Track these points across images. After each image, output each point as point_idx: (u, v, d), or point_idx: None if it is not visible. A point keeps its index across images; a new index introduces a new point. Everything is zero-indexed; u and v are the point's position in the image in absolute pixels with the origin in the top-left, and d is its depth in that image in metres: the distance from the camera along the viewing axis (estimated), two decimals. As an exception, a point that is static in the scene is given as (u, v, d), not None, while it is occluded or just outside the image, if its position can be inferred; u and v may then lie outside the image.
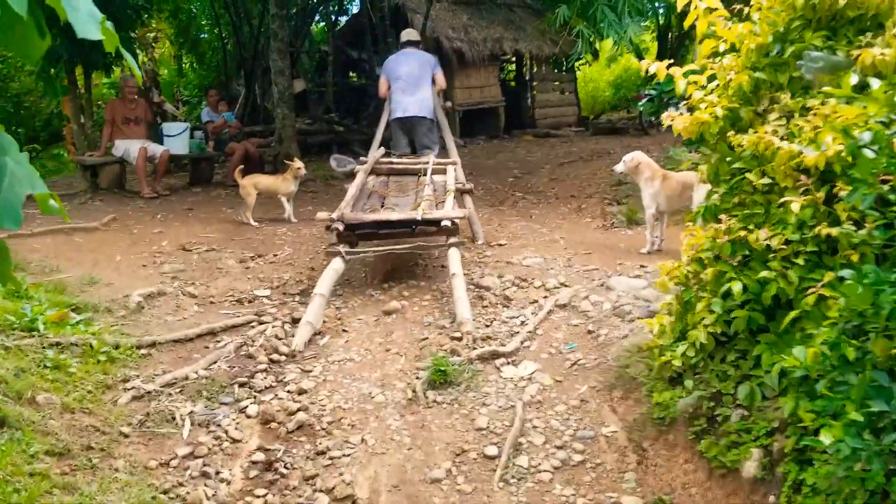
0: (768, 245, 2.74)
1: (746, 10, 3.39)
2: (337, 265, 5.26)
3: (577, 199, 8.56)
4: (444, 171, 6.80)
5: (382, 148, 7.93)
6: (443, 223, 5.42)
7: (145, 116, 10.06)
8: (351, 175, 10.76)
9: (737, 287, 2.80)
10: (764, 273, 2.71)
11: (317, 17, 17.42)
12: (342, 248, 5.40)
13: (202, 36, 19.71)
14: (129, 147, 9.53)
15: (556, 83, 18.59)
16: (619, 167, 6.24)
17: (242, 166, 8.54)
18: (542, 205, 8.36)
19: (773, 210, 2.85)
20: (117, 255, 6.34)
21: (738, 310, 2.85)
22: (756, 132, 2.99)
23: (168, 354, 4.35)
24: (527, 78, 18.51)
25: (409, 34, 8.58)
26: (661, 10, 18.90)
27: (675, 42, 20.44)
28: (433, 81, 7.95)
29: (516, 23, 17.49)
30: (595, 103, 29.57)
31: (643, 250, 5.96)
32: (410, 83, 7.83)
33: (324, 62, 16.07)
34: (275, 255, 6.33)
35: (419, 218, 5.49)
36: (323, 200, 9.23)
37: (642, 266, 5.42)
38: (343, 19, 18.09)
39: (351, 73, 17.90)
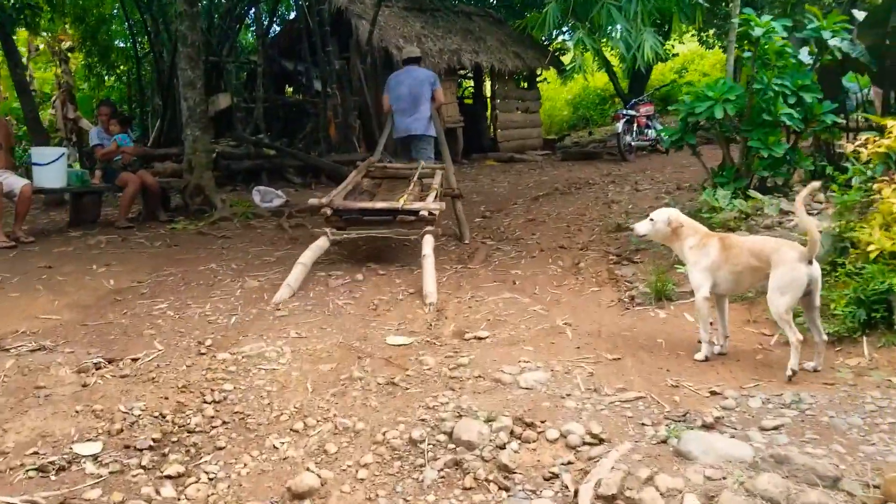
0: None
1: None
2: (322, 242, 5.85)
3: (568, 251, 6.52)
4: (433, 175, 7.16)
5: (378, 154, 8.30)
6: (420, 213, 5.87)
7: (6, 142, 7.73)
8: (278, 213, 8.68)
9: None
10: None
11: (246, 22, 15.22)
12: (328, 230, 5.97)
13: (119, 44, 17.31)
14: (-19, 180, 7.23)
15: (520, 101, 16.68)
16: (643, 228, 4.12)
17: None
18: (524, 261, 6.30)
19: None
20: None
21: None
22: None
23: None
24: (487, 95, 16.58)
25: (409, 52, 9.00)
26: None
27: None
28: (433, 98, 8.18)
29: (476, 33, 15.57)
30: (552, 123, 27.98)
31: (699, 356, 3.91)
32: (410, 102, 8.12)
33: (253, 74, 13.85)
34: (134, 360, 4.12)
35: (400, 207, 5.95)
36: (235, 250, 7.02)
37: (714, 393, 3.38)
38: (278, 27, 15.95)
39: (287, 87, 15.72)
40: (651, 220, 4.06)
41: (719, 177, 5.78)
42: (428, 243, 5.62)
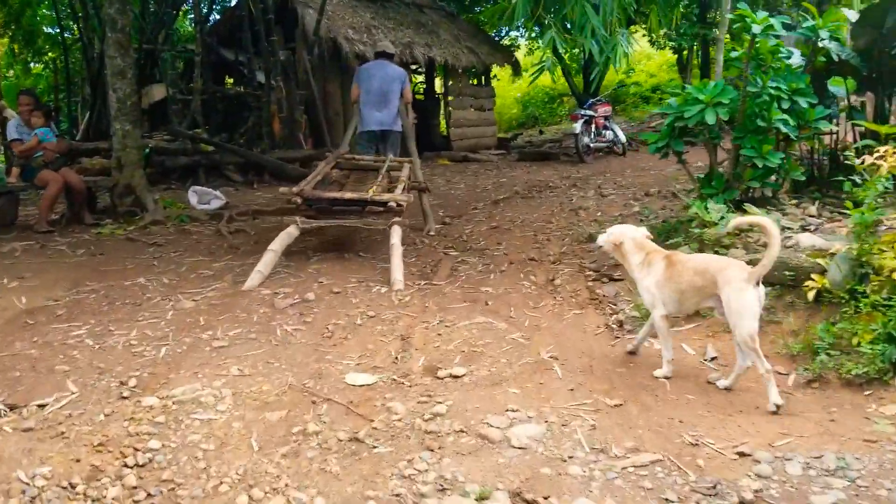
0: None
1: None
2: (292, 230, 5.88)
3: (540, 265, 5.98)
4: (400, 169, 7.31)
5: (345, 146, 8.28)
6: (389, 204, 6.02)
7: None
8: (217, 216, 7.99)
9: None
10: None
11: (184, 9, 14.29)
12: (298, 219, 5.99)
13: (47, 29, 16.14)
14: None
15: (474, 98, 16.12)
16: (602, 240, 3.99)
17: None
18: (494, 276, 5.72)
19: None
20: None
21: None
22: None
23: None
24: (440, 92, 15.97)
25: (383, 46, 8.89)
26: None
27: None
28: (402, 95, 8.20)
29: (428, 26, 14.95)
30: (502, 121, 27.57)
31: (658, 373, 3.65)
32: (380, 97, 8.10)
33: (191, 64, 12.96)
34: (41, 407, 3.41)
35: (369, 198, 6.04)
36: (168, 261, 6.28)
37: (742, 454, 2.85)
38: (217, 15, 15.04)
39: (227, 79, 14.84)
40: (608, 234, 3.94)
41: (707, 187, 5.29)
42: (396, 233, 5.75)
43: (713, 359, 3.88)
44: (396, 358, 4.00)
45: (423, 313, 4.77)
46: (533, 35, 25.63)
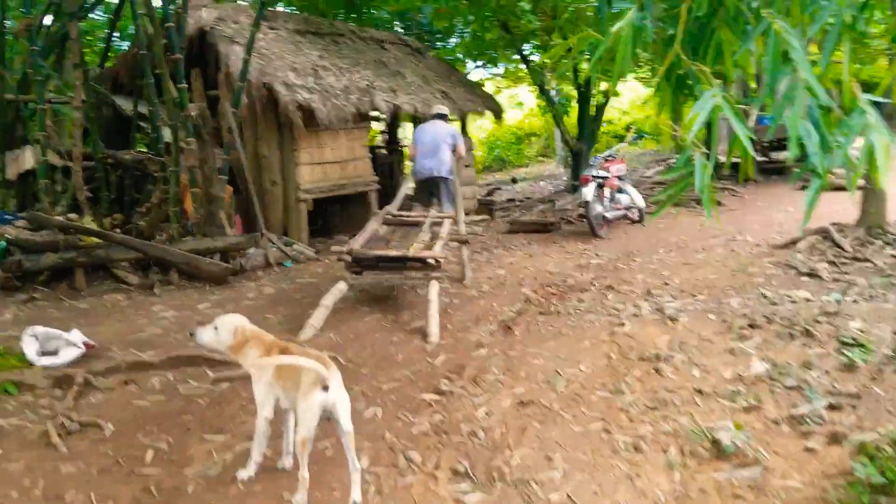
0: None
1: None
2: (342, 286, 6.51)
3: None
4: (441, 224, 7.70)
5: (396, 204, 8.55)
6: (428, 260, 6.61)
7: None
8: (65, 380, 4.83)
9: None
10: None
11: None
12: (348, 275, 6.67)
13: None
14: None
15: (449, 153, 13.15)
16: (206, 337, 3.65)
17: None
18: None
19: None
20: None
21: None
22: None
23: None
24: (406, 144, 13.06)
25: (438, 108, 9.89)
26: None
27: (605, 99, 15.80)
28: (454, 149, 9.11)
29: (391, 66, 12.01)
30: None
31: (242, 475, 3.45)
32: (431, 148, 9.02)
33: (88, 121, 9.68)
34: None
35: (410, 255, 6.59)
36: None
37: None
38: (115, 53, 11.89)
39: (132, 138, 11.60)
40: (216, 328, 3.65)
41: None
42: (433, 288, 6.25)
43: None
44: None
45: None
46: (506, 70, 22.72)
